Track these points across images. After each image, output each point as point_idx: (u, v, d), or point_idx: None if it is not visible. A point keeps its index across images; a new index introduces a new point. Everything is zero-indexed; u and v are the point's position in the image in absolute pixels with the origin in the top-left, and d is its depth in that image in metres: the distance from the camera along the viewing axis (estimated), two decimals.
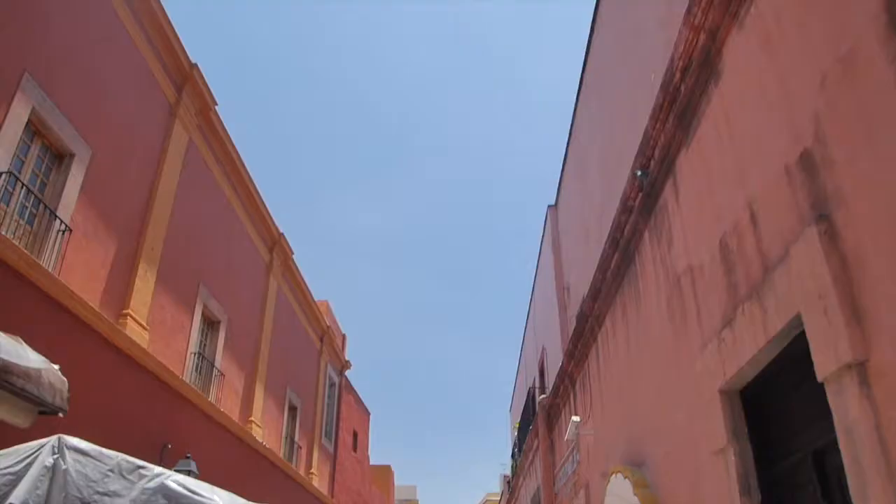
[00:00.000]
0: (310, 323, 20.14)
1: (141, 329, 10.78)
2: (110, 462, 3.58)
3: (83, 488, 3.44)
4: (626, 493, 7.00)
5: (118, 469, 3.54)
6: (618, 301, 8.01)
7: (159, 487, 3.46)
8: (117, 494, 3.41)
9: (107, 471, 3.53)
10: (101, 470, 3.52)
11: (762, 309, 4.07)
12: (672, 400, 6.00)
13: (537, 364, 17.33)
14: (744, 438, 4.66)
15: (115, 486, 3.45)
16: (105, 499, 3.38)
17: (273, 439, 16.54)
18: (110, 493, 3.41)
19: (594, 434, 9.27)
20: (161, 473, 3.57)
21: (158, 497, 3.42)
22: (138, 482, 3.51)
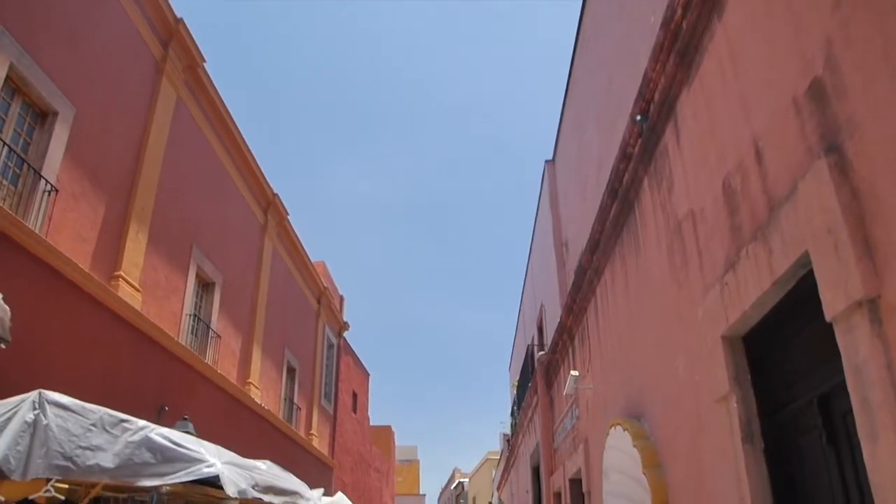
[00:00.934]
0: (307, 284, 20.03)
1: (133, 290, 10.64)
2: (93, 416, 3.45)
3: (65, 443, 3.31)
4: (626, 446, 6.93)
5: (101, 423, 3.42)
6: (616, 252, 7.86)
7: (143, 440, 3.34)
8: (100, 448, 3.28)
9: (89, 425, 3.40)
10: (84, 424, 3.40)
11: (767, 249, 3.91)
12: (672, 349, 5.88)
13: (536, 321, 17.27)
14: (746, 385, 4.55)
15: (97, 441, 3.32)
16: (87, 453, 3.26)
17: (272, 401, 16.55)
18: (93, 447, 3.29)
19: (593, 388, 9.20)
20: (145, 427, 3.44)
21: (142, 450, 3.30)
22: (122, 436, 3.38)
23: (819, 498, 4.02)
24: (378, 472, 29.03)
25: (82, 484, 3.33)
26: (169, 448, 3.33)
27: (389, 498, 31.38)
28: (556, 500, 13.05)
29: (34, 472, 3.17)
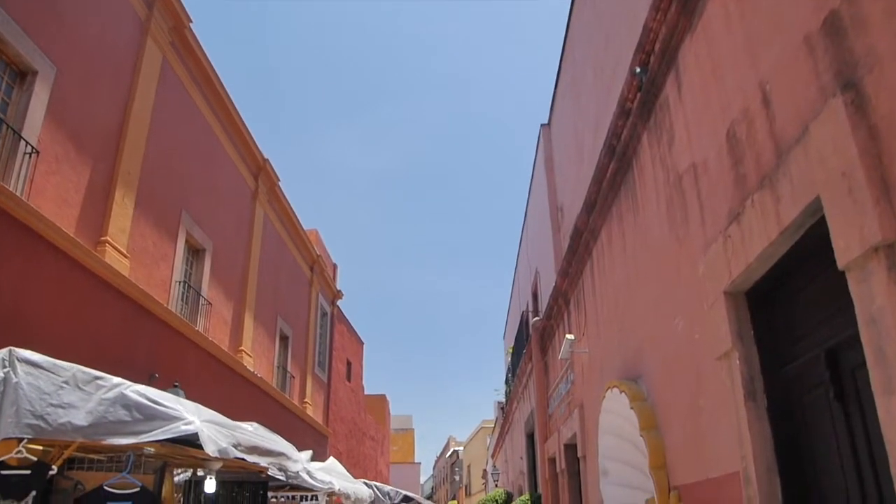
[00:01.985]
0: (299, 252, 19.82)
1: (121, 256, 10.42)
2: (65, 374, 3.27)
3: (36, 401, 3.14)
4: (622, 408, 6.81)
5: (73, 381, 3.24)
6: (614, 212, 7.67)
7: (118, 397, 3.17)
8: (72, 406, 3.11)
9: (61, 383, 3.22)
10: (56, 382, 3.22)
11: (775, 198, 3.73)
12: (671, 308, 5.73)
13: (530, 288, 17.13)
14: (749, 341, 4.40)
15: (70, 398, 3.15)
16: (59, 411, 3.09)
17: (265, 369, 16.44)
18: (65, 404, 3.12)
19: (588, 352, 9.07)
20: (120, 384, 3.26)
21: (117, 407, 3.13)
22: (95, 393, 3.21)
23: (824, 456, 3.89)
24: (373, 441, 29.11)
25: (55, 445, 3.16)
26: (145, 405, 3.16)
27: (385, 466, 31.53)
28: (550, 466, 13.02)
29: (4, 433, 3.00)
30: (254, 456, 3.66)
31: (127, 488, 3.11)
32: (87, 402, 3.15)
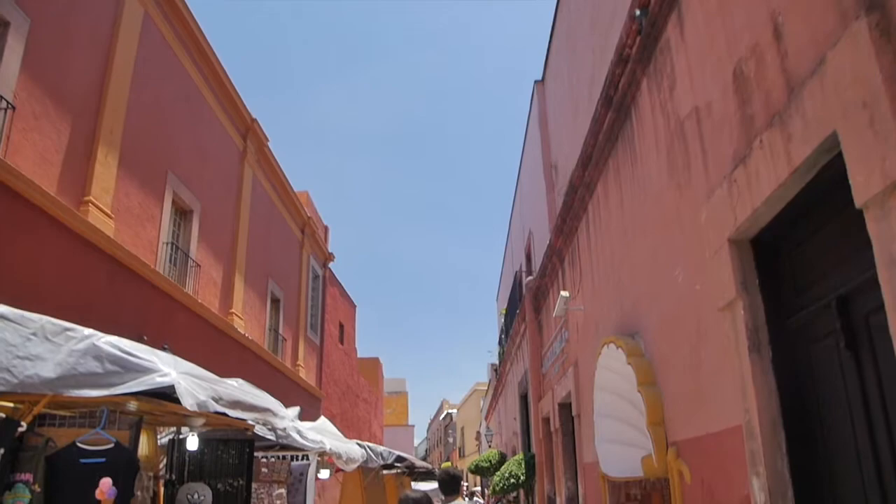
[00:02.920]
0: (289, 214, 19.54)
1: (105, 217, 10.16)
2: (33, 325, 3.07)
3: (1, 354, 2.94)
4: (619, 364, 6.68)
5: (42, 332, 3.04)
6: (610, 164, 7.45)
7: (89, 349, 2.97)
8: (40, 358, 2.91)
9: (29, 334, 3.02)
10: (23, 334, 3.02)
11: (785, 136, 3.51)
12: (671, 260, 5.55)
13: (524, 249, 16.96)
14: (754, 290, 4.22)
15: (37, 350, 2.95)
16: (27, 363, 2.89)
17: (256, 331, 16.29)
18: (32, 356, 2.92)
19: (583, 310, 8.92)
20: (92, 335, 3.07)
21: (88, 359, 2.93)
22: (65, 344, 3.01)
23: (832, 408, 3.75)
24: (366, 403, 29.17)
25: (25, 400, 2.97)
26: (118, 356, 2.96)
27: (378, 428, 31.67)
28: (544, 426, 12.98)
29: None
30: (237, 411, 3.49)
31: (101, 444, 2.94)
32: (55, 353, 2.96)
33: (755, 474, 4.11)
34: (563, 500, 11.17)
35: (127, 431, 3.04)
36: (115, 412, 3.05)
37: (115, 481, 2.86)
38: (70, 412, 3.09)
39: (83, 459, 2.88)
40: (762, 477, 4.03)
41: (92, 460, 2.88)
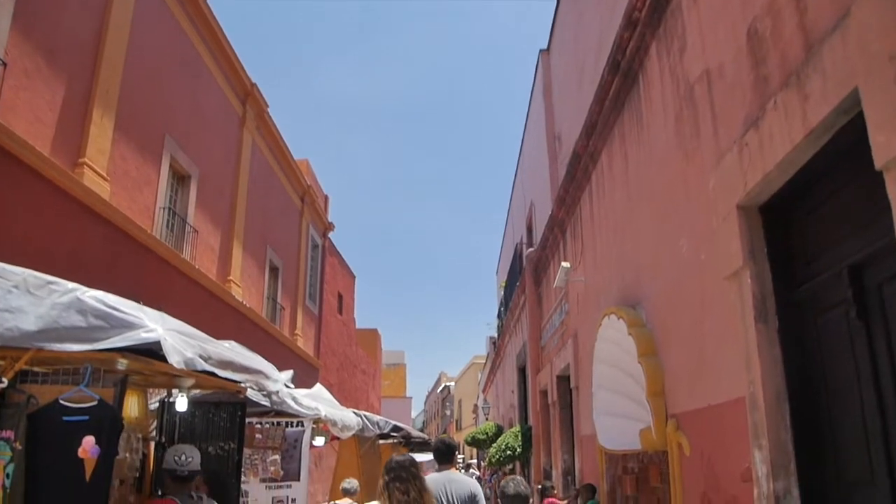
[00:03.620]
0: (289, 181, 19.33)
1: (100, 179, 9.98)
2: (14, 278, 2.95)
3: None
4: (620, 336, 6.58)
5: (24, 285, 2.92)
6: (616, 132, 7.28)
7: (72, 302, 2.86)
8: (21, 311, 2.80)
9: (10, 287, 2.91)
10: (3, 286, 2.90)
11: (802, 97, 3.36)
12: (676, 229, 5.42)
13: (525, 221, 16.82)
14: (762, 259, 4.10)
15: (19, 303, 2.84)
16: (6, 315, 2.78)
17: (254, 300, 16.20)
18: (13, 309, 2.81)
19: (584, 281, 8.81)
20: (75, 289, 2.95)
21: (70, 312, 2.82)
22: (47, 298, 2.90)
23: (839, 380, 3.64)
24: (364, 374, 29.22)
25: (6, 356, 2.86)
26: (102, 311, 2.85)
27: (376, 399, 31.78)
28: (542, 399, 12.96)
29: None
30: (227, 371, 3.38)
31: (84, 402, 2.83)
32: (37, 307, 2.84)
33: (757, 447, 4.02)
34: (560, 472, 11.17)
35: (111, 389, 2.94)
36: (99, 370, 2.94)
37: (98, 440, 2.76)
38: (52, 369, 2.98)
39: (66, 417, 2.78)
40: (764, 449, 3.95)
41: (75, 418, 2.78)
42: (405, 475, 3.40)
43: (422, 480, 3.45)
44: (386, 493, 3.39)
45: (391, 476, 3.44)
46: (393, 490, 3.36)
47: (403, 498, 3.32)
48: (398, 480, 3.38)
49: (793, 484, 3.86)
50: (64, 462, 2.74)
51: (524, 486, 3.87)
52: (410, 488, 3.34)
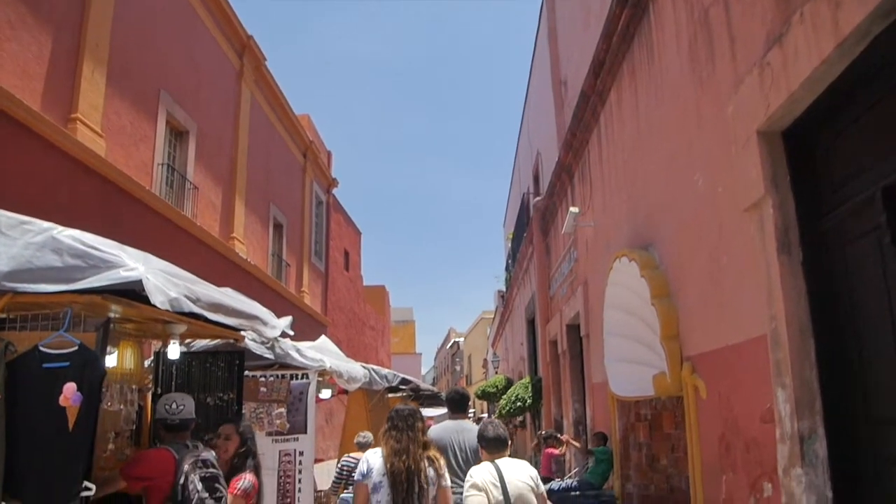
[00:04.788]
0: (291, 137, 19.00)
1: (95, 135, 9.73)
2: None
3: None
4: (632, 279, 6.37)
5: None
6: (625, 68, 6.96)
7: (47, 241, 2.66)
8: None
9: None
10: None
11: (832, 4, 3.08)
12: (690, 164, 5.16)
13: (531, 171, 16.51)
14: (785, 187, 3.85)
15: None
16: None
17: (259, 257, 16.05)
18: None
19: (593, 225, 8.57)
20: (51, 228, 2.75)
21: (45, 252, 2.63)
22: (21, 238, 2.70)
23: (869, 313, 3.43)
24: (373, 331, 29.23)
25: None
26: (79, 250, 2.66)
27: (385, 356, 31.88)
28: (551, 349, 12.84)
29: None
30: (219, 315, 3.20)
31: (64, 348, 2.65)
32: (10, 247, 2.65)
33: (780, 385, 3.83)
34: (571, 422, 11.10)
35: (93, 334, 2.76)
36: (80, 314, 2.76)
37: (80, 386, 2.59)
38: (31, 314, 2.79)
39: (46, 364, 2.61)
40: (788, 388, 3.76)
41: (55, 364, 2.60)
42: (401, 424, 3.56)
43: (417, 431, 3.57)
44: (383, 440, 3.57)
45: (389, 425, 3.62)
46: (388, 438, 3.54)
47: (397, 446, 3.48)
48: (394, 429, 3.57)
49: (818, 423, 3.68)
50: (45, 411, 2.57)
51: (503, 430, 3.90)
52: (404, 437, 3.49)
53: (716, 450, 4.97)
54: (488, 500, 3.44)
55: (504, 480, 3.52)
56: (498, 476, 3.53)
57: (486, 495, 3.46)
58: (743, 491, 4.53)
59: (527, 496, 3.54)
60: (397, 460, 3.45)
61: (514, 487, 3.51)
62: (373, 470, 3.51)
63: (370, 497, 3.44)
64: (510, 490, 3.48)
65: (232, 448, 3.38)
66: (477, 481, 3.51)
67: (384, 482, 3.42)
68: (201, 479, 3.02)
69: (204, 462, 3.13)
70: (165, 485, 2.97)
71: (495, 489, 3.48)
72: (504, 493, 3.47)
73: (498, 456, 3.73)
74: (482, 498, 3.44)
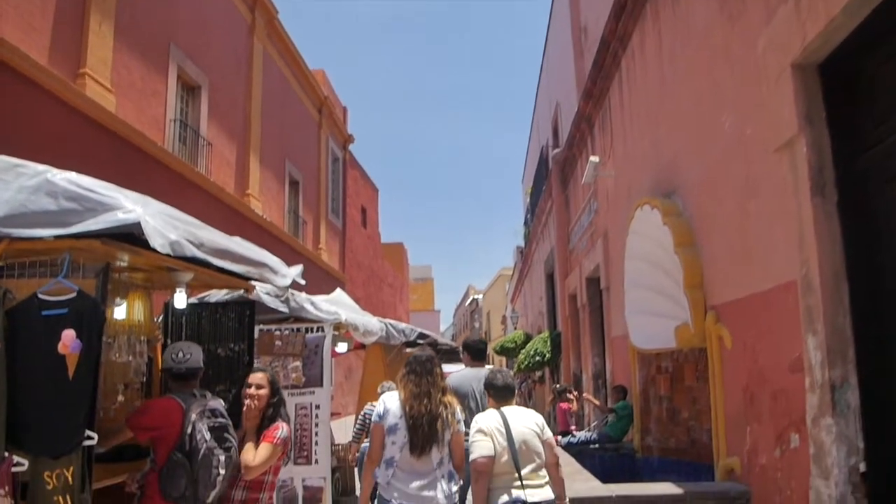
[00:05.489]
0: (305, 92, 18.75)
1: (104, 91, 9.59)
2: None
3: None
4: (654, 228, 6.17)
5: None
6: (648, 10, 6.66)
7: (41, 185, 2.54)
8: None
9: None
10: None
11: None
12: (718, 105, 4.92)
13: (550, 124, 16.19)
14: (820, 124, 3.62)
15: None
16: None
17: (275, 214, 15.97)
18: None
19: (613, 175, 8.34)
20: (46, 171, 2.63)
21: (40, 195, 2.51)
22: (15, 181, 2.58)
23: None
24: (391, 288, 29.27)
25: None
26: (75, 192, 2.55)
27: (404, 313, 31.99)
28: (571, 303, 12.71)
29: None
30: (225, 262, 3.08)
31: (63, 294, 2.55)
32: (3, 191, 2.54)
33: (811, 333, 3.67)
34: (590, 376, 11.02)
35: (93, 280, 2.65)
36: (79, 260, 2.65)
37: (79, 333, 2.50)
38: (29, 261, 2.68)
39: (44, 311, 2.52)
40: (819, 335, 3.59)
41: (54, 312, 2.51)
42: (419, 369, 3.53)
43: (436, 375, 3.57)
44: (401, 384, 3.54)
45: (407, 370, 3.60)
46: (407, 382, 3.50)
47: (416, 390, 3.45)
48: (413, 374, 3.53)
49: (850, 372, 3.52)
50: (45, 359, 2.48)
51: (511, 378, 3.98)
52: (423, 381, 3.47)
53: (740, 401, 4.84)
54: (493, 445, 3.51)
55: (509, 426, 3.58)
56: (503, 422, 3.59)
57: (492, 440, 3.52)
58: (768, 442, 4.41)
59: (531, 441, 3.59)
60: (417, 404, 3.45)
61: (519, 433, 3.57)
62: (389, 412, 3.50)
63: (385, 439, 3.44)
64: (514, 435, 3.54)
65: (265, 398, 3.30)
66: (483, 427, 3.58)
67: (400, 425, 3.42)
68: (210, 429, 2.94)
69: (212, 412, 3.05)
70: (172, 434, 2.90)
71: (500, 435, 3.54)
72: (509, 437, 3.53)
73: (504, 404, 3.77)
74: (488, 442, 3.51)
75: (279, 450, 3.34)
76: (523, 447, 3.55)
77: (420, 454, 3.38)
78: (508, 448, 3.52)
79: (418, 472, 3.40)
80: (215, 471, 2.89)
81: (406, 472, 3.39)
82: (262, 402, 3.33)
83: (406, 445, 3.39)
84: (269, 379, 3.44)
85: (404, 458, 3.38)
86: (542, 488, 3.57)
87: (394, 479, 3.39)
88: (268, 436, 3.30)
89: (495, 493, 3.51)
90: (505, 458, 3.51)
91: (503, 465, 3.51)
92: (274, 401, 3.42)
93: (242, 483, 3.26)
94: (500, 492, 3.50)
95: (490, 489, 3.52)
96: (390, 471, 3.41)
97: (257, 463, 3.23)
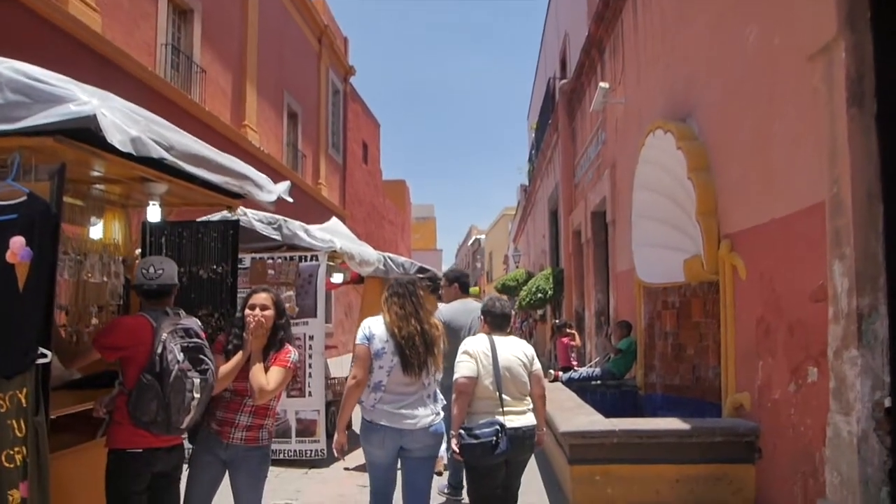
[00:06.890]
0: (304, 20, 18.05)
1: (89, 9, 9.10)
2: None
3: None
4: (666, 154, 5.85)
5: None
6: None
7: None
8: None
9: None
10: None
11: None
12: (742, 17, 4.54)
13: (558, 55, 15.62)
14: (863, 24, 3.26)
15: None
16: None
17: (273, 146, 15.55)
18: None
19: (624, 102, 7.95)
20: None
21: None
22: None
23: None
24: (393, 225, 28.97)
25: None
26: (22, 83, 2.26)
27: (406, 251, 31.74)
28: (574, 239, 12.44)
29: None
30: (200, 169, 2.78)
31: (13, 198, 2.26)
32: None
33: (838, 258, 3.39)
34: (593, 313, 10.82)
35: (47, 183, 2.37)
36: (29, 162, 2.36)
37: (29, 240, 2.23)
38: None
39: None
40: (848, 260, 3.31)
41: (2, 217, 2.22)
42: (402, 291, 3.48)
43: (420, 297, 3.51)
44: (385, 307, 3.47)
45: (390, 292, 3.53)
46: (391, 304, 3.44)
47: (401, 311, 3.40)
48: (396, 296, 3.47)
49: (880, 300, 3.26)
50: None
51: (509, 308, 3.99)
52: (406, 303, 3.42)
53: (753, 334, 4.61)
54: (477, 367, 3.52)
55: (496, 351, 3.58)
56: (491, 347, 3.59)
57: (476, 362, 3.53)
58: (782, 376, 4.19)
59: (516, 370, 3.58)
60: (405, 325, 3.36)
61: (505, 359, 3.57)
62: (375, 336, 3.38)
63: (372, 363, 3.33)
64: (500, 361, 3.55)
65: (270, 319, 3.07)
66: (469, 349, 3.60)
67: (387, 349, 3.32)
68: (182, 350, 2.70)
69: (186, 331, 2.80)
70: (141, 354, 2.66)
71: (486, 358, 3.55)
72: (494, 362, 3.53)
73: (498, 333, 3.74)
74: (472, 363, 3.53)
75: (290, 374, 3.16)
76: (507, 374, 3.54)
77: (415, 374, 3.28)
78: (493, 372, 3.52)
79: (406, 394, 3.31)
80: (189, 394, 2.66)
81: (394, 394, 3.30)
82: (269, 324, 3.10)
83: (394, 369, 3.28)
84: (274, 299, 3.20)
85: (392, 381, 3.29)
86: (523, 415, 3.57)
87: (380, 402, 3.29)
88: (280, 359, 3.10)
89: (476, 416, 3.51)
90: (487, 381, 3.51)
91: (485, 388, 3.52)
92: (281, 322, 3.20)
93: (249, 409, 3.07)
94: (480, 416, 3.50)
95: (472, 413, 3.52)
96: (378, 394, 3.30)
97: (273, 387, 3.05)
